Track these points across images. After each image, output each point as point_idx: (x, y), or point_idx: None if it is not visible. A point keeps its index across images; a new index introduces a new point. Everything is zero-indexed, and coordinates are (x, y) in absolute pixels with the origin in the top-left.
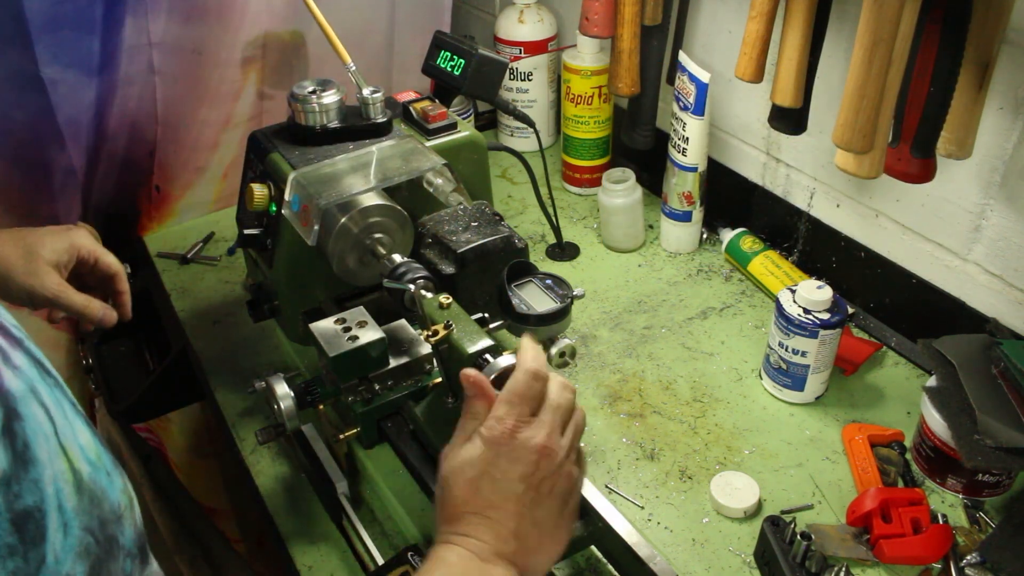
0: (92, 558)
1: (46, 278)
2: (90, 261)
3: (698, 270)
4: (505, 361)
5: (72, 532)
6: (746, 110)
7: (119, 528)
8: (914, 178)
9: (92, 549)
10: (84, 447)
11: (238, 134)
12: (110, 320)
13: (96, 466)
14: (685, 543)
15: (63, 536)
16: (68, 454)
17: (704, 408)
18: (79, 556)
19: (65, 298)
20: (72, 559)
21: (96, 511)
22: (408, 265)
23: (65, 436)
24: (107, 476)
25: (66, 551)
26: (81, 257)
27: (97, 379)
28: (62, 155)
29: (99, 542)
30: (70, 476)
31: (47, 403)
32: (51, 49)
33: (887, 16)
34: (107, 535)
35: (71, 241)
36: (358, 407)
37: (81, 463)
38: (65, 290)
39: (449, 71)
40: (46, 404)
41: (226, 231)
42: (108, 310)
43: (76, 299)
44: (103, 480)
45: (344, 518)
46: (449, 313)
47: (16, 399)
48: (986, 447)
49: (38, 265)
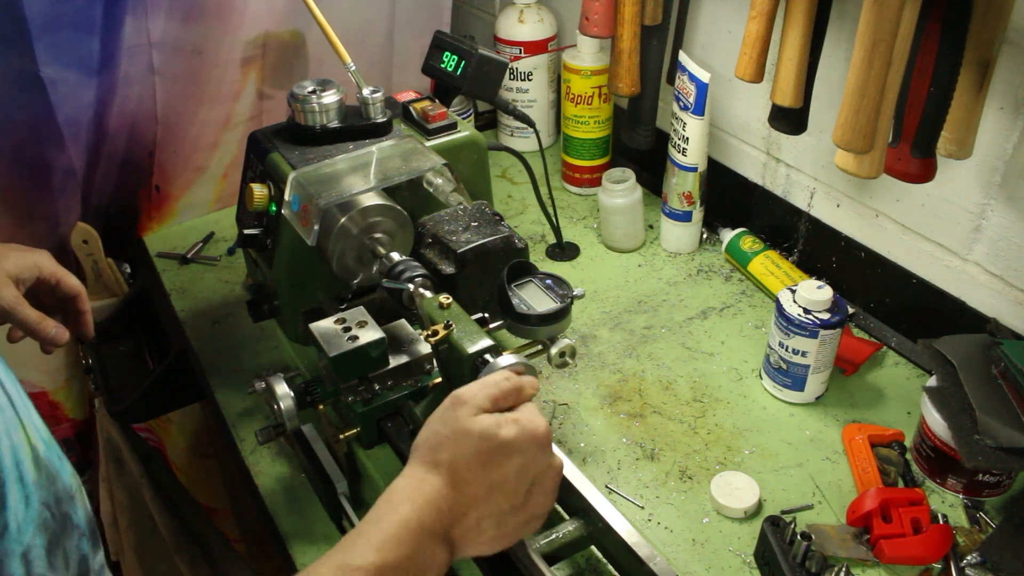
0: (50, 532)
1: (3, 289)
2: (51, 282)
3: (698, 270)
4: (505, 361)
5: (32, 504)
6: (746, 110)
7: (72, 508)
8: (914, 178)
9: (50, 524)
10: (38, 427)
11: (238, 134)
12: (61, 339)
13: (49, 446)
14: (685, 543)
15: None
16: (26, 429)
17: (704, 408)
18: (39, 529)
19: (20, 311)
20: (33, 530)
21: (52, 488)
22: (406, 264)
23: (22, 411)
24: (59, 458)
25: (28, 522)
26: (42, 277)
27: (97, 379)
28: (62, 155)
29: (55, 517)
30: (28, 451)
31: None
32: (51, 49)
33: (887, 16)
34: (62, 512)
35: (34, 260)
36: (358, 407)
37: (37, 440)
38: (21, 303)
39: (449, 71)
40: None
41: (226, 231)
42: (61, 329)
43: (31, 314)
44: (55, 461)
45: (344, 518)
46: (449, 313)
47: None
48: (986, 447)
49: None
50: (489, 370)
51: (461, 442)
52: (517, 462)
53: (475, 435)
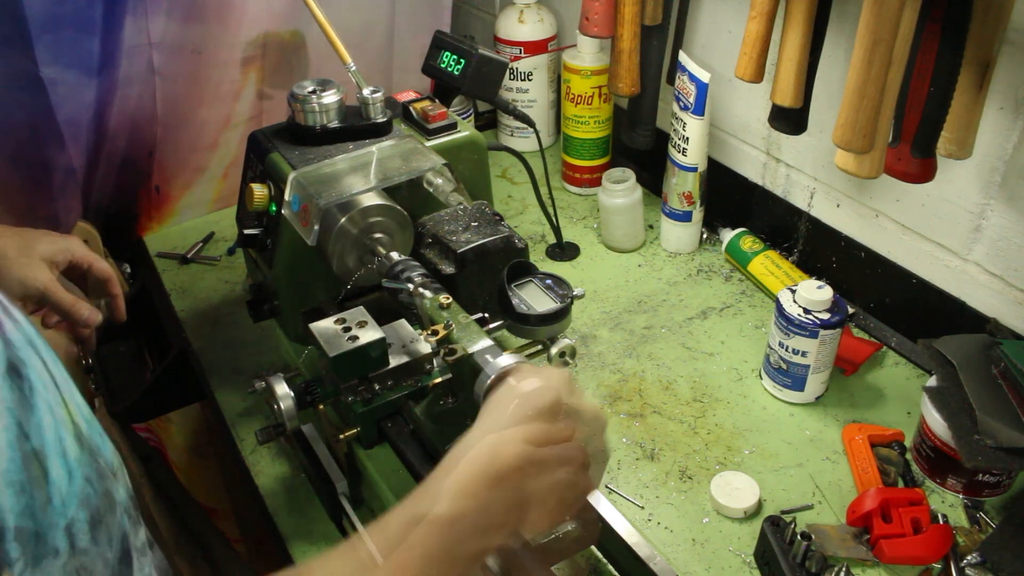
0: (92, 508)
1: (39, 271)
2: (83, 266)
3: (698, 270)
4: (505, 361)
5: (75, 479)
6: (746, 110)
7: (114, 485)
8: (914, 178)
9: (92, 499)
10: (80, 406)
11: (238, 134)
12: (94, 320)
13: (91, 424)
14: (685, 543)
15: (68, 482)
16: (68, 407)
17: (704, 408)
18: (81, 503)
19: (56, 293)
20: (76, 505)
21: (95, 464)
22: (406, 264)
23: (64, 389)
24: (100, 436)
25: (71, 496)
26: (74, 261)
27: (97, 379)
28: (62, 155)
29: (98, 493)
30: (71, 427)
31: (45, 358)
32: (51, 49)
33: (887, 16)
34: (105, 488)
35: (66, 245)
36: (358, 407)
37: (80, 418)
38: (56, 286)
39: (449, 71)
40: (44, 358)
41: (226, 231)
42: (94, 311)
43: (65, 296)
44: (97, 438)
45: (344, 518)
46: (449, 313)
47: (17, 347)
48: (986, 447)
49: (32, 259)
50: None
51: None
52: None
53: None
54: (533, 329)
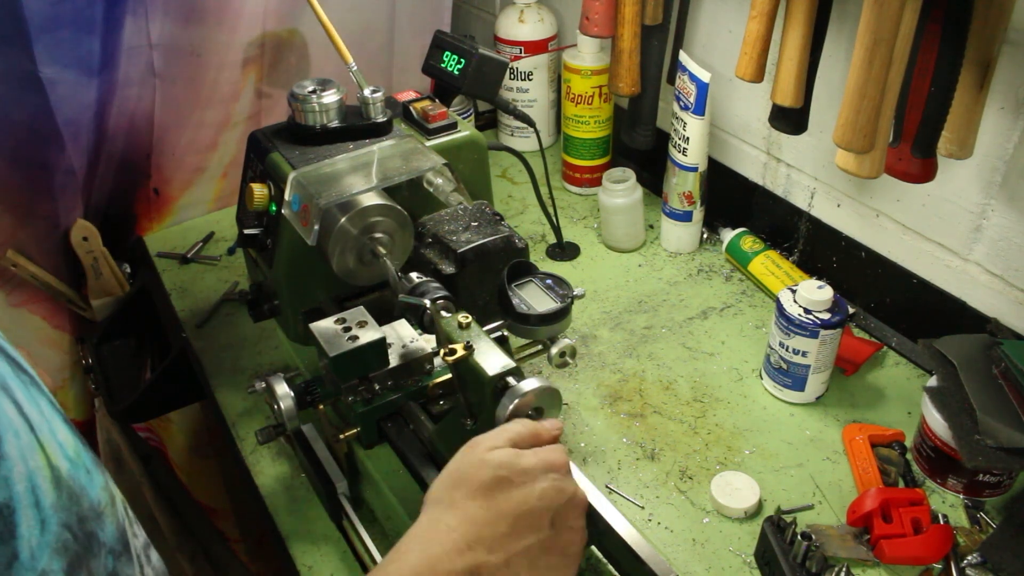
0: (70, 554)
1: None
2: None
3: (698, 270)
4: (529, 385)
5: (50, 528)
6: (746, 110)
7: (99, 525)
8: (915, 178)
9: (70, 545)
10: (63, 444)
11: (237, 134)
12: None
13: (75, 463)
14: (685, 543)
15: (40, 532)
16: (46, 450)
17: (704, 408)
18: (56, 552)
19: None
20: (49, 555)
21: (75, 508)
22: (427, 285)
23: (42, 432)
24: (87, 473)
25: (42, 547)
26: None
27: (97, 379)
28: (61, 155)
29: (77, 538)
30: (48, 472)
31: (20, 400)
32: (50, 49)
33: (888, 16)
34: (86, 531)
35: None
36: (358, 407)
37: (60, 460)
38: None
39: (449, 71)
40: (18, 401)
41: (226, 231)
42: None
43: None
44: (82, 477)
45: (344, 518)
46: (469, 333)
47: None
48: (987, 447)
49: None
50: (512, 395)
51: (478, 473)
52: (537, 490)
53: (492, 464)
54: (533, 329)
